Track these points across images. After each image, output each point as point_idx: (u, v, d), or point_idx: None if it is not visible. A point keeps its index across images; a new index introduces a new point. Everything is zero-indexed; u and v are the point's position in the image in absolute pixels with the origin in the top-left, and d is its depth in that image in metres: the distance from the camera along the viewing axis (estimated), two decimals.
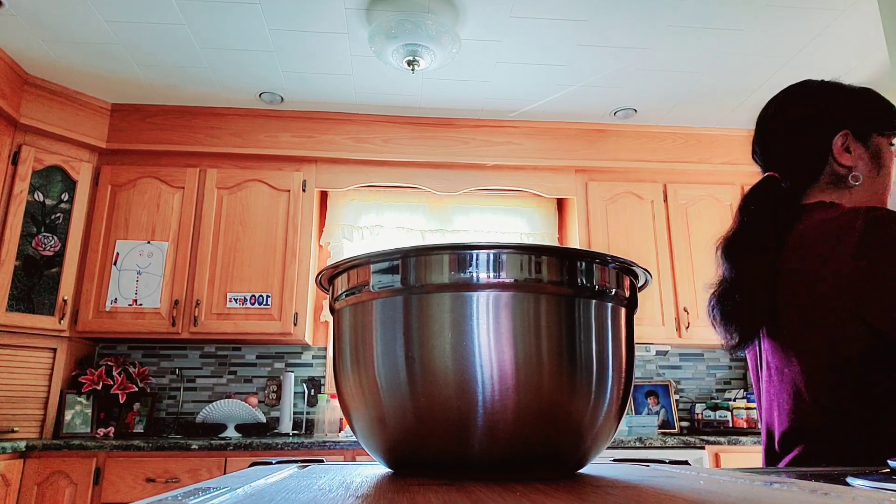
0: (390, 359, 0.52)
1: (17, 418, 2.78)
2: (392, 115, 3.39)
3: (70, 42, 2.71)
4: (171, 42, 2.72)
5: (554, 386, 0.50)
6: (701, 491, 0.41)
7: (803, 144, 1.04)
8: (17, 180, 2.88)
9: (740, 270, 1.01)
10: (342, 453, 2.67)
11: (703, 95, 3.18)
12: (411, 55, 2.50)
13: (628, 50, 2.78)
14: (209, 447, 2.60)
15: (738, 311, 0.99)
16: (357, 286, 0.56)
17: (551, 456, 0.51)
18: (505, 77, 3.01)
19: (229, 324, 3.03)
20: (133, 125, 3.24)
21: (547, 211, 3.67)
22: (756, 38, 2.69)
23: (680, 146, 3.50)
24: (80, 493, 2.51)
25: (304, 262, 3.17)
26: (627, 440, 2.76)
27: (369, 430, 0.55)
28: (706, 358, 3.57)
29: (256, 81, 3.05)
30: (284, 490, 0.44)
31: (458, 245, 0.51)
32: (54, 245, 2.97)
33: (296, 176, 3.27)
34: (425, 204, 3.59)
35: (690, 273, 3.30)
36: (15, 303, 2.81)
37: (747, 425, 3.06)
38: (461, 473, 0.51)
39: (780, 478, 0.51)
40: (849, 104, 1.03)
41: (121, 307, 3.01)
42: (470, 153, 3.38)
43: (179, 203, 3.18)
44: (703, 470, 0.62)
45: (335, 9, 2.50)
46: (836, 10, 2.51)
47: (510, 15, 2.53)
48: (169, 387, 3.26)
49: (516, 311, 0.51)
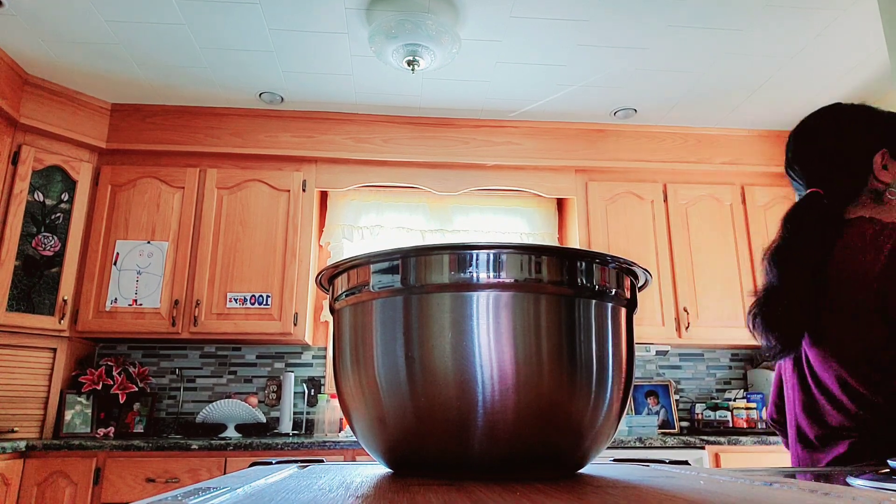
0: (390, 359, 0.52)
1: (17, 418, 2.78)
2: (392, 115, 3.39)
3: (70, 42, 2.71)
4: (171, 42, 2.72)
5: (554, 386, 0.50)
6: (701, 491, 0.41)
7: (845, 164, 1.12)
8: (17, 180, 2.88)
9: (785, 280, 1.08)
10: (342, 453, 2.67)
11: (703, 95, 3.18)
12: (411, 55, 2.50)
13: (628, 50, 2.78)
14: (209, 447, 2.60)
15: (781, 318, 1.07)
16: (357, 286, 0.56)
17: (551, 456, 0.51)
18: (505, 77, 3.01)
19: (229, 324, 3.03)
20: (133, 125, 3.24)
21: (547, 211, 3.67)
22: (756, 38, 2.69)
23: (680, 146, 3.50)
24: (80, 493, 2.51)
25: (304, 262, 3.17)
26: (627, 440, 2.76)
27: (369, 430, 0.55)
28: (706, 358, 3.57)
29: (256, 81, 3.05)
30: (284, 490, 0.44)
31: (458, 245, 0.51)
32: (54, 245, 2.97)
33: (296, 176, 3.28)
34: (425, 204, 3.59)
35: (690, 273, 3.30)
36: (15, 303, 2.81)
37: (747, 425, 3.06)
38: (461, 473, 0.51)
39: (780, 478, 0.51)
40: (885, 125, 1.12)
41: (121, 307, 3.01)
42: (470, 153, 3.38)
43: (179, 203, 3.18)
44: (703, 470, 0.62)
45: (335, 9, 2.50)
46: (836, 10, 2.51)
47: (510, 15, 2.53)
48: (169, 387, 3.26)
49: (516, 311, 0.51)
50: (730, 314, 3.25)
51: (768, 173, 3.50)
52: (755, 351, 3.54)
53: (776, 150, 3.54)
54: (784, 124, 3.50)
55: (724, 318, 3.24)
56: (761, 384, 3.36)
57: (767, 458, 2.83)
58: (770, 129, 3.55)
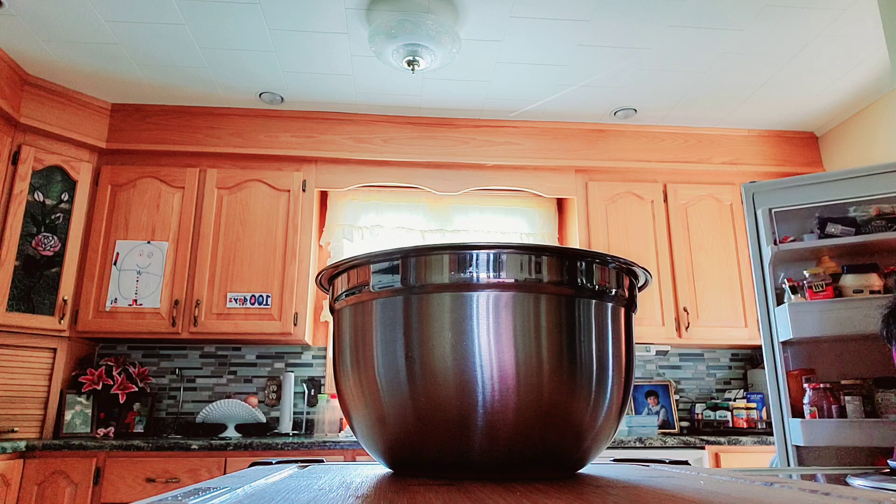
0: (390, 359, 0.52)
1: (17, 418, 2.78)
2: (392, 115, 3.39)
3: (70, 42, 2.71)
4: (171, 42, 2.72)
5: (554, 386, 0.50)
6: (701, 491, 0.41)
7: None
8: (17, 180, 2.88)
9: None
10: (342, 453, 2.67)
11: (703, 95, 3.18)
12: (411, 55, 2.50)
13: (628, 50, 2.78)
14: (209, 447, 2.60)
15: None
16: (357, 286, 0.56)
17: (551, 456, 0.51)
18: (505, 77, 3.01)
19: (229, 324, 3.03)
20: (133, 125, 3.24)
21: (547, 211, 3.67)
22: (756, 38, 2.69)
23: (680, 146, 3.50)
24: (80, 493, 2.51)
25: (304, 262, 3.17)
26: (627, 440, 2.76)
27: (369, 430, 0.55)
28: (706, 358, 3.57)
29: (256, 81, 3.05)
30: (284, 490, 0.44)
31: (459, 245, 0.51)
32: (54, 245, 2.97)
33: (296, 176, 3.28)
34: (425, 204, 3.59)
35: (690, 273, 3.30)
36: (15, 303, 2.81)
37: (747, 425, 3.06)
38: (461, 473, 0.51)
39: (780, 478, 0.51)
40: None
41: (121, 307, 3.01)
42: (470, 153, 3.38)
43: (179, 203, 3.18)
44: (703, 470, 0.62)
45: (335, 9, 2.50)
46: (836, 10, 2.51)
47: (510, 15, 2.53)
48: (169, 387, 3.26)
49: (516, 311, 0.51)
50: (730, 314, 3.25)
51: (768, 173, 3.51)
52: (755, 351, 3.54)
53: (776, 150, 3.54)
54: (784, 124, 3.50)
55: (724, 318, 3.24)
56: (761, 384, 3.36)
57: (767, 458, 2.83)
58: (770, 129, 3.55)
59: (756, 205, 2.27)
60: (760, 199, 2.27)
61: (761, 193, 2.27)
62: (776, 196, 2.24)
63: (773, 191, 2.25)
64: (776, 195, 2.25)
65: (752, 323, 3.24)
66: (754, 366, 3.51)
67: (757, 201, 2.27)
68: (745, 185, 2.29)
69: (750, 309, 3.26)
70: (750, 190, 2.29)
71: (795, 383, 2.11)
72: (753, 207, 2.27)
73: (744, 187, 2.29)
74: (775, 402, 2.11)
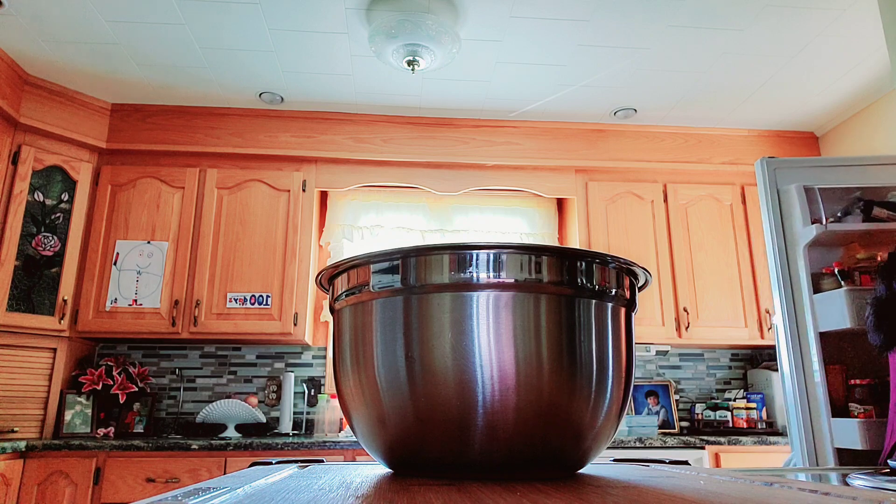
0: (390, 359, 0.52)
1: (17, 418, 2.78)
2: (392, 115, 3.39)
3: (70, 42, 2.71)
4: (171, 42, 2.72)
5: (554, 386, 0.50)
6: (701, 491, 0.41)
7: None
8: (17, 180, 2.88)
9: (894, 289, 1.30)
10: (342, 453, 2.67)
11: (703, 95, 3.18)
12: (411, 55, 2.50)
13: (628, 50, 2.78)
14: (209, 447, 2.60)
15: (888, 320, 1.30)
16: (357, 286, 0.56)
17: (551, 456, 0.51)
18: (505, 77, 3.01)
19: (229, 324, 3.03)
20: (133, 125, 3.24)
21: (547, 211, 3.67)
22: (756, 38, 2.69)
23: (680, 146, 3.50)
24: (80, 493, 2.51)
25: (304, 262, 3.17)
26: (627, 440, 2.76)
27: (369, 430, 0.55)
28: (706, 358, 3.57)
29: (256, 81, 3.05)
30: (284, 490, 0.44)
31: (459, 245, 0.51)
32: (54, 245, 2.97)
33: (296, 176, 3.27)
34: (425, 204, 3.59)
35: (690, 273, 3.30)
36: (15, 303, 2.81)
37: (747, 425, 3.06)
38: (461, 473, 0.51)
39: (780, 478, 0.51)
40: None
41: (121, 307, 3.01)
42: (470, 153, 3.38)
43: (179, 203, 3.18)
44: (703, 470, 0.62)
45: (335, 9, 2.49)
46: (836, 10, 2.51)
47: (510, 15, 2.53)
48: (169, 387, 3.26)
49: (516, 311, 0.51)
50: (730, 314, 3.25)
51: None
52: (755, 351, 3.54)
53: (776, 150, 3.54)
54: (784, 124, 3.50)
55: (724, 318, 3.24)
56: (761, 384, 3.36)
57: (767, 458, 2.83)
58: (770, 129, 3.55)
59: (779, 182, 2.08)
60: (784, 177, 2.08)
61: (783, 170, 2.08)
62: (801, 174, 2.05)
63: (799, 168, 2.06)
64: (801, 173, 2.06)
65: (752, 323, 3.24)
66: (754, 366, 3.51)
67: (780, 178, 2.09)
68: (765, 159, 2.12)
69: (750, 309, 3.26)
70: (772, 165, 2.11)
71: (836, 379, 1.92)
72: (776, 184, 2.08)
73: (763, 161, 2.13)
74: (802, 400, 1.93)
